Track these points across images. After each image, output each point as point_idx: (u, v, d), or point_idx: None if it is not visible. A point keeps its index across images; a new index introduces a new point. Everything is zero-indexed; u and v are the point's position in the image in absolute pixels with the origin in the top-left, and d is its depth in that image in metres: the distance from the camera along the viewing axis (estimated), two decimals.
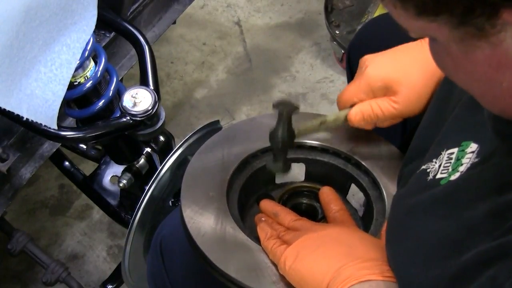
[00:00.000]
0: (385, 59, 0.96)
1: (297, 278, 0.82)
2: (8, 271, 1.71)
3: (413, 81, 0.94)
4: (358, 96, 0.96)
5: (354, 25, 2.02)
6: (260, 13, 2.31)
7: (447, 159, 0.74)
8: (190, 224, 0.92)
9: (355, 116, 0.96)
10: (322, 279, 0.79)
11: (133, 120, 1.11)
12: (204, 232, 0.91)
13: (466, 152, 0.72)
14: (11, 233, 1.28)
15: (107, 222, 1.80)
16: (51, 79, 1.01)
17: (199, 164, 1.01)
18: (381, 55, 0.98)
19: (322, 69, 2.14)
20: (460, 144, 0.73)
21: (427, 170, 0.76)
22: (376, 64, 0.96)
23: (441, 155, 0.75)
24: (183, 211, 0.94)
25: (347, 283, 0.76)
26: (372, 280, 0.77)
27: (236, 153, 1.02)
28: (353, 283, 0.76)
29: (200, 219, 0.92)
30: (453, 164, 0.73)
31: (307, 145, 1.05)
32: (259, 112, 2.04)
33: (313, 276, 0.80)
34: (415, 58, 0.95)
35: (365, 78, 0.95)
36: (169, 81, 2.13)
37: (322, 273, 0.79)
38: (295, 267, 0.82)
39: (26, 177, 1.18)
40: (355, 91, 0.97)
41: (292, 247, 0.84)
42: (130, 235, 1.16)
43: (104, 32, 1.27)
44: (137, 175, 1.34)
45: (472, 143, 0.72)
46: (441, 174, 0.73)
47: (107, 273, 1.63)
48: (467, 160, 0.71)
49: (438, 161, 0.75)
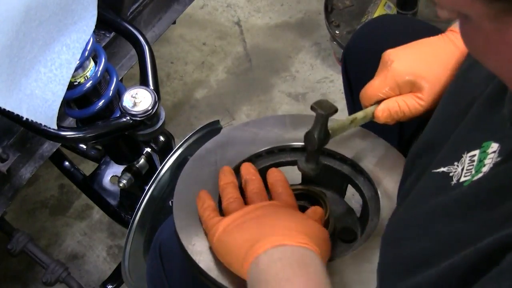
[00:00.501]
0: (410, 54, 0.96)
1: (222, 250, 0.84)
2: (8, 271, 1.72)
3: (438, 77, 0.94)
4: (383, 91, 0.96)
5: (354, 25, 2.02)
6: (260, 13, 2.32)
7: (469, 161, 0.74)
8: (182, 234, 0.91)
9: (383, 113, 0.97)
10: (241, 247, 0.80)
11: (133, 120, 1.11)
12: (195, 241, 0.90)
13: (488, 152, 0.71)
14: (11, 233, 1.28)
15: (107, 222, 1.80)
16: (51, 79, 1.01)
17: (192, 171, 1.01)
18: (404, 49, 0.98)
19: (322, 69, 2.14)
20: (481, 146, 0.73)
21: (450, 174, 0.75)
22: (402, 59, 0.96)
23: (462, 158, 0.75)
24: (175, 220, 0.93)
25: (262, 248, 0.78)
26: (287, 245, 0.78)
27: (229, 159, 1.01)
28: (267, 247, 0.78)
29: (192, 228, 0.92)
30: (475, 166, 0.72)
31: (301, 147, 1.04)
32: (259, 112, 2.04)
33: (235, 246, 0.82)
34: (438, 52, 0.96)
35: (391, 73, 0.95)
36: (169, 81, 2.13)
37: (242, 242, 0.81)
38: (222, 238, 0.83)
39: (26, 177, 1.18)
40: (380, 86, 0.97)
41: (224, 220, 0.85)
42: (130, 235, 1.16)
43: (104, 32, 1.27)
44: (137, 175, 1.34)
45: (492, 143, 0.72)
46: (464, 177, 0.73)
47: (107, 273, 1.63)
48: (489, 161, 0.70)
49: (460, 164, 0.74)
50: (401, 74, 0.95)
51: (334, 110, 0.91)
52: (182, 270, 1.01)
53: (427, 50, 0.97)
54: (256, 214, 0.85)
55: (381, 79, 0.97)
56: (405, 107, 0.95)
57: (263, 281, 0.76)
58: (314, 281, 0.75)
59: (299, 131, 1.05)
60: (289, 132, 1.05)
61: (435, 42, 0.98)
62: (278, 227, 0.81)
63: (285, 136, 1.05)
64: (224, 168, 0.97)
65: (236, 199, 0.91)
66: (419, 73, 0.94)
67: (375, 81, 0.98)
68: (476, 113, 0.78)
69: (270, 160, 1.04)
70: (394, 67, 0.96)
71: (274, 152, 1.04)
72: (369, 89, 0.98)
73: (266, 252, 0.78)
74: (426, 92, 0.94)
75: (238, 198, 0.91)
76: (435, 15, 2.03)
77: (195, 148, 1.07)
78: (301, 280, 0.75)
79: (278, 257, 0.77)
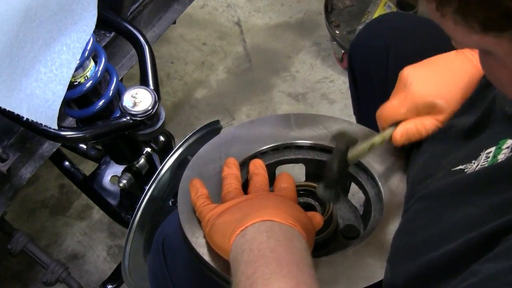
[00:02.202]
0: (428, 75, 0.96)
1: (211, 232, 0.84)
2: (8, 271, 1.72)
3: (457, 99, 0.93)
4: (402, 112, 0.95)
5: (354, 25, 2.02)
6: (260, 13, 2.31)
7: (485, 158, 0.75)
8: (186, 227, 0.92)
9: (401, 136, 0.96)
10: (230, 225, 0.81)
11: (133, 120, 1.11)
12: (200, 234, 0.91)
13: (502, 148, 0.72)
14: (11, 233, 1.28)
15: (107, 222, 1.80)
16: (51, 79, 1.01)
17: (196, 168, 1.01)
18: (421, 68, 0.97)
19: (322, 69, 2.14)
20: (498, 143, 0.74)
21: (465, 170, 0.77)
22: (421, 80, 0.95)
23: (480, 156, 0.76)
24: (180, 216, 0.94)
25: (250, 221, 0.78)
26: (275, 221, 0.79)
27: (234, 156, 1.01)
28: (255, 220, 0.78)
29: (196, 222, 0.92)
30: (490, 160, 0.73)
31: (306, 145, 1.05)
32: (259, 112, 2.04)
33: (223, 225, 0.82)
34: (456, 71, 0.95)
35: (411, 95, 0.94)
36: (169, 81, 2.13)
37: (233, 220, 0.81)
38: (213, 222, 0.84)
39: (26, 177, 1.18)
40: (399, 107, 0.96)
41: (217, 208, 0.86)
42: (130, 235, 1.16)
43: (104, 32, 1.27)
44: (137, 175, 1.34)
45: (508, 139, 0.73)
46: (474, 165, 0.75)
47: (107, 273, 1.63)
48: (502, 156, 0.72)
49: (477, 161, 0.75)
50: (421, 96, 0.94)
51: (354, 142, 0.92)
52: (184, 265, 1.02)
53: (444, 70, 0.96)
54: (250, 199, 0.85)
55: (399, 101, 0.96)
56: (422, 130, 0.95)
57: (246, 250, 0.76)
58: (297, 256, 0.75)
59: (303, 129, 1.06)
60: (294, 130, 1.06)
61: (452, 60, 0.96)
62: (268, 207, 0.82)
63: (290, 134, 1.05)
64: (229, 160, 0.98)
65: (235, 189, 0.91)
66: (439, 95, 0.93)
67: (393, 102, 0.97)
68: (500, 117, 0.79)
69: (275, 158, 1.05)
70: (413, 90, 0.94)
71: (279, 149, 1.05)
72: (387, 110, 0.97)
73: (254, 225, 0.78)
74: (446, 115, 0.94)
75: (237, 189, 0.91)
76: None
77: (195, 148, 1.07)
78: (284, 252, 0.75)
79: (265, 230, 0.77)
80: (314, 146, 1.05)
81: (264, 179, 0.95)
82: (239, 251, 0.77)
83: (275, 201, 0.85)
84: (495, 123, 0.80)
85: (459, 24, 0.55)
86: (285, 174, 0.96)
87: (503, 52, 0.56)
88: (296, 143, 1.05)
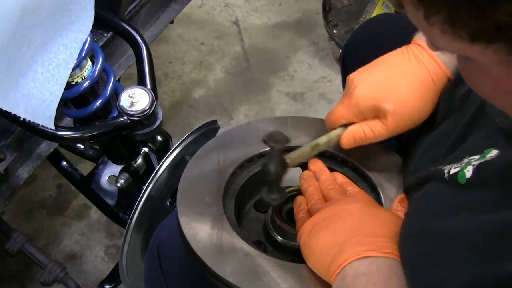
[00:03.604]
0: (373, 78, 0.95)
1: (306, 252, 0.85)
2: (5, 271, 1.71)
3: (404, 99, 0.93)
4: (347, 117, 0.95)
5: (352, 25, 2.02)
6: (258, 12, 2.31)
7: (466, 162, 0.75)
8: (186, 230, 0.91)
9: (348, 140, 0.96)
10: (327, 254, 0.81)
11: (131, 120, 1.11)
12: (201, 238, 0.90)
13: (486, 157, 0.72)
14: (8, 233, 1.28)
15: (105, 222, 1.80)
16: (48, 79, 1.00)
17: (195, 169, 1.01)
18: (367, 72, 0.96)
19: (320, 68, 2.14)
20: (482, 152, 0.73)
21: (444, 169, 0.77)
22: (365, 84, 0.94)
23: (462, 161, 0.75)
24: (179, 217, 0.93)
25: (346, 260, 0.78)
26: (372, 256, 0.78)
27: (232, 158, 1.01)
28: (352, 259, 0.78)
29: (196, 225, 0.92)
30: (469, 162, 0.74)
31: None
32: (257, 112, 2.04)
33: (318, 252, 0.83)
34: (403, 71, 0.94)
35: (354, 99, 0.94)
36: (167, 80, 2.13)
37: (327, 248, 0.81)
38: (306, 241, 0.85)
39: (23, 177, 1.18)
40: (344, 112, 0.96)
41: (309, 222, 0.86)
42: (128, 235, 1.16)
43: (102, 32, 1.27)
44: (134, 175, 1.34)
45: (493, 149, 0.72)
46: (454, 169, 0.74)
47: (105, 273, 1.63)
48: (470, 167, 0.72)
49: (459, 165, 0.75)
50: (364, 100, 0.94)
51: (285, 141, 0.90)
52: (180, 270, 1.01)
53: (391, 71, 0.95)
54: (337, 216, 0.85)
55: (344, 105, 0.96)
56: (370, 133, 0.95)
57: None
58: None
59: (301, 132, 1.05)
60: (291, 133, 1.05)
61: (399, 60, 0.95)
62: (363, 233, 0.81)
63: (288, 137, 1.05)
64: (304, 173, 0.99)
65: (317, 200, 0.92)
66: (383, 97, 0.93)
67: (339, 107, 0.97)
68: (484, 122, 0.78)
69: None
70: (356, 93, 0.94)
71: None
72: (333, 116, 0.97)
73: (352, 265, 0.78)
74: (392, 117, 0.93)
75: (320, 199, 0.92)
76: None
77: (193, 148, 1.07)
78: None
79: (363, 273, 0.77)
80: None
81: (333, 180, 0.96)
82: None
83: (364, 219, 0.84)
84: (482, 129, 0.79)
85: (447, 33, 0.54)
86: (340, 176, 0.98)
87: (487, 61, 0.55)
88: (293, 146, 1.04)
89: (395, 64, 0.95)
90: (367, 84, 0.94)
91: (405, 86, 0.93)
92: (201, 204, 0.95)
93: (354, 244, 0.79)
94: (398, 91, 0.93)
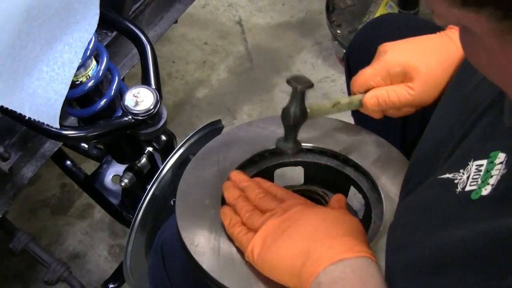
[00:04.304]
0: (404, 46, 0.96)
1: (266, 266, 0.82)
2: (9, 271, 1.72)
3: (431, 69, 0.93)
4: (374, 80, 0.95)
5: (356, 25, 2.02)
6: (262, 12, 2.31)
7: (476, 170, 0.72)
8: (184, 234, 0.91)
9: (370, 99, 0.95)
10: (292, 265, 0.78)
11: (135, 119, 1.11)
12: (198, 242, 0.90)
13: (495, 163, 0.70)
14: (12, 232, 1.28)
15: (109, 222, 1.80)
16: (53, 78, 1.01)
17: (194, 171, 1.00)
18: (401, 42, 0.97)
19: (323, 68, 2.14)
20: (489, 156, 0.72)
21: (455, 181, 0.74)
22: (396, 50, 0.96)
23: (468, 166, 0.74)
24: (178, 221, 0.92)
25: (319, 266, 0.76)
26: (345, 258, 0.76)
27: (232, 159, 1.01)
28: (325, 265, 0.76)
29: (195, 229, 0.91)
30: (482, 176, 0.71)
31: (305, 148, 1.03)
32: (260, 112, 2.04)
33: (282, 263, 0.79)
34: (435, 47, 0.95)
35: (384, 62, 0.95)
36: (171, 80, 2.13)
37: (291, 258, 0.79)
38: (263, 256, 0.81)
39: (27, 176, 1.18)
40: (372, 74, 0.96)
41: (257, 236, 0.83)
42: (132, 234, 1.16)
43: (106, 31, 1.27)
44: (138, 174, 1.34)
45: (500, 152, 0.71)
46: (470, 187, 0.71)
47: (109, 273, 1.63)
48: (496, 172, 0.70)
49: (466, 172, 0.73)
50: (393, 63, 0.94)
51: (310, 84, 0.89)
52: (184, 270, 1.01)
53: (424, 45, 0.96)
54: (287, 223, 0.83)
55: (373, 68, 0.96)
56: (394, 96, 0.94)
57: None
58: None
59: (301, 131, 1.05)
60: None
61: (434, 39, 0.97)
62: (326, 236, 0.79)
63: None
64: (226, 184, 0.94)
65: (252, 211, 0.87)
66: (412, 64, 0.94)
67: (367, 70, 0.97)
68: (484, 121, 0.77)
69: (273, 161, 1.04)
70: (386, 57, 0.95)
71: (277, 152, 1.04)
72: (360, 77, 0.97)
73: (325, 271, 0.76)
74: (418, 83, 0.93)
75: (254, 210, 0.88)
76: None
77: (197, 148, 1.06)
78: None
79: (339, 277, 0.75)
80: (313, 149, 1.04)
81: (259, 188, 0.92)
82: None
83: (316, 222, 0.82)
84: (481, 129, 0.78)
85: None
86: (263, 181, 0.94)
87: (481, 30, 0.55)
88: None
89: (429, 41, 0.97)
90: (399, 50, 0.95)
91: (434, 59, 0.94)
92: (200, 207, 0.94)
93: (322, 248, 0.77)
94: (427, 61, 0.94)
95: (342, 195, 0.92)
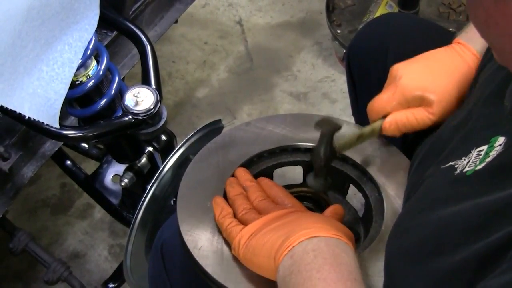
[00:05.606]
0: (417, 69, 0.97)
1: (249, 255, 0.82)
2: (9, 270, 1.72)
3: (447, 90, 0.95)
4: (391, 105, 0.96)
5: (356, 25, 2.02)
6: (262, 12, 2.32)
7: (476, 155, 0.74)
8: (187, 238, 0.91)
9: (390, 126, 0.97)
10: (272, 247, 0.79)
11: (135, 119, 1.11)
12: (201, 245, 0.90)
13: (495, 146, 0.72)
14: (12, 232, 1.28)
15: (109, 221, 1.80)
16: (53, 78, 1.01)
17: (194, 173, 1.00)
18: (411, 63, 0.98)
19: (323, 68, 2.14)
20: (489, 141, 0.74)
21: (455, 166, 0.76)
22: (410, 74, 0.96)
23: (470, 153, 0.76)
24: (180, 225, 0.92)
25: (296, 240, 0.77)
26: (321, 236, 0.77)
27: (232, 160, 1.01)
28: (302, 239, 0.77)
29: (197, 232, 0.91)
30: (481, 158, 0.73)
31: (303, 148, 1.04)
32: (260, 112, 2.04)
33: (263, 247, 0.80)
34: (446, 65, 0.96)
35: (400, 88, 0.96)
36: (171, 80, 2.13)
37: (271, 241, 0.79)
38: (248, 243, 0.82)
39: (28, 176, 1.18)
40: (389, 100, 0.97)
41: (248, 227, 0.84)
42: (132, 234, 1.16)
43: (106, 31, 1.27)
44: (139, 174, 1.34)
45: (499, 137, 0.73)
46: (468, 168, 0.74)
47: (109, 272, 1.63)
48: (494, 153, 0.72)
49: (467, 158, 0.75)
50: (410, 89, 0.95)
51: (338, 128, 0.92)
52: (184, 270, 1.01)
53: (434, 64, 0.97)
54: (281, 220, 0.84)
55: (389, 94, 0.97)
56: (413, 120, 0.96)
57: (294, 272, 0.75)
58: (345, 272, 0.74)
59: (301, 130, 1.05)
60: (291, 132, 1.05)
61: (442, 55, 0.98)
62: (309, 223, 0.80)
63: (287, 136, 1.04)
64: (231, 180, 0.96)
65: (250, 209, 0.89)
66: (429, 87, 0.95)
67: (384, 96, 0.98)
68: (484, 111, 0.79)
69: (273, 161, 1.04)
70: (402, 82, 0.96)
71: (276, 152, 1.04)
72: (377, 103, 0.98)
73: (301, 244, 0.77)
74: (437, 107, 0.95)
75: (251, 209, 0.90)
76: (436, 14, 2.03)
77: (197, 147, 1.06)
78: (332, 271, 0.74)
79: (311, 248, 0.76)
80: (311, 148, 1.04)
81: (261, 191, 0.93)
82: (287, 272, 0.76)
83: (307, 218, 0.83)
84: (480, 118, 0.79)
85: None
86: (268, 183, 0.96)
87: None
88: (293, 145, 1.04)
89: (439, 59, 0.98)
90: (413, 74, 0.96)
91: (448, 79, 0.95)
92: (202, 209, 0.94)
93: (302, 230, 0.78)
94: (442, 83, 0.95)
95: (340, 206, 0.93)
